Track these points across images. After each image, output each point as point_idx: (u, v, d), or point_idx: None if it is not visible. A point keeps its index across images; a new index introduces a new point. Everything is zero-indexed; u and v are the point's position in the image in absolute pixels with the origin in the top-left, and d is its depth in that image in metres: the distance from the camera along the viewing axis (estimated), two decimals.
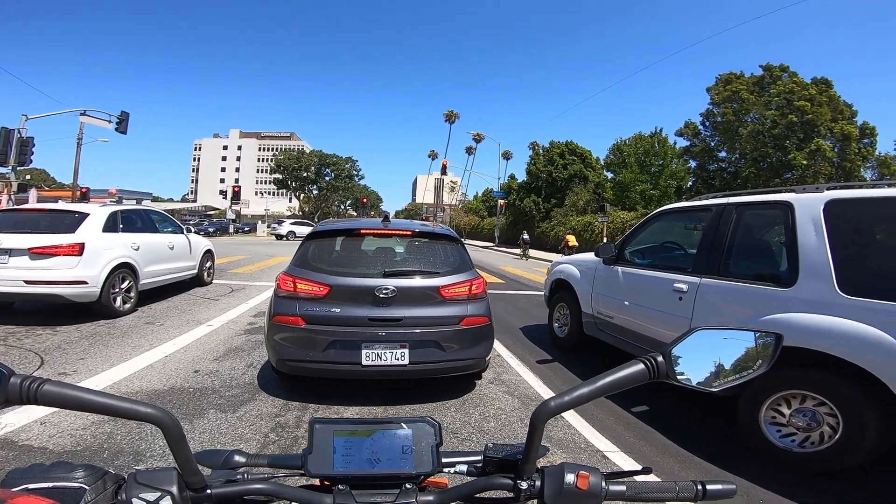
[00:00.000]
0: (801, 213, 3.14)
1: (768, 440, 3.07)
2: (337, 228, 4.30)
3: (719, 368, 0.69)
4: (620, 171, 37.75)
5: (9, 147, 15.77)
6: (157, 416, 0.62)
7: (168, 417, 0.63)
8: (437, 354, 3.68)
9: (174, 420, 0.63)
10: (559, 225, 30.64)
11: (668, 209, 4.87)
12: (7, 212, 6.89)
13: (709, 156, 32.36)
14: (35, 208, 7.18)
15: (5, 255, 5.70)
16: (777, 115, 27.22)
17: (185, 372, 4.35)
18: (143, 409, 0.62)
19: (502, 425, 3.54)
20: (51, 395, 0.58)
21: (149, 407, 0.62)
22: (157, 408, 0.63)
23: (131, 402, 0.62)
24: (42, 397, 0.58)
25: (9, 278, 5.63)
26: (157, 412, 0.62)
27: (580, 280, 5.50)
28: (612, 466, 2.96)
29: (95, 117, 20.06)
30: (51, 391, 0.58)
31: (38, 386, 0.58)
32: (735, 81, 30.01)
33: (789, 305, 3.03)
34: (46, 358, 4.54)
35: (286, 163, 60.87)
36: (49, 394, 0.58)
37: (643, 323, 4.33)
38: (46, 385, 0.58)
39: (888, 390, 2.53)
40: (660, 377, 0.68)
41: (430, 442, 0.75)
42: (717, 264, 3.69)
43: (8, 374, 0.57)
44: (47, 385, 0.58)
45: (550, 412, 0.68)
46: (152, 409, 0.62)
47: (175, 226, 8.74)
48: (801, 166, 25.64)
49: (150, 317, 6.52)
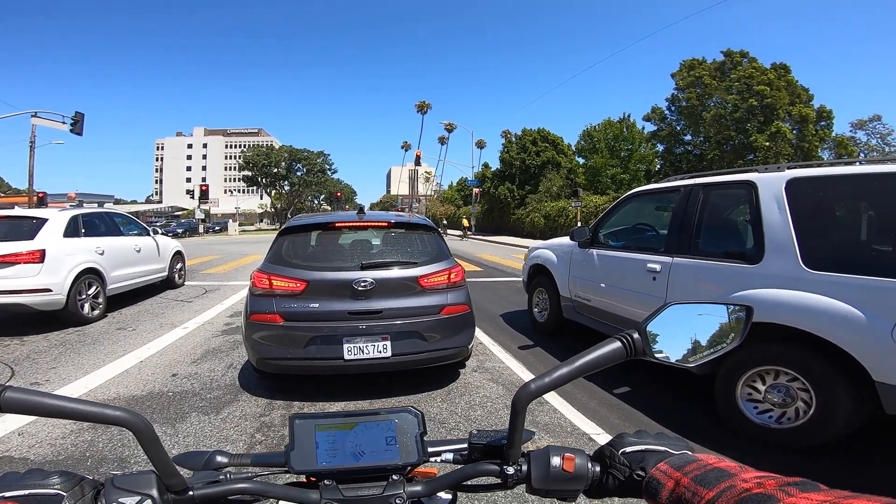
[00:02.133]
0: (765, 191, 3.23)
1: (746, 417, 3.13)
2: (311, 223, 4.23)
3: (694, 343, 0.69)
4: (591, 157, 38.33)
5: None
6: (126, 418, 0.60)
7: (138, 420, 0.61)
8: (419, 345, 3.68)
9: (145, 422, 0.61)
10: (534, 211, 30.91)
11: (639, 191, 4.95)
12: None
13: (675, 139, 33.18)
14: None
15: None
16: (738, 99, 28.09)
17: (163, 376, 4.25)
18: (112, 412, 0.60)
19: (489, 413, 3.58)
20: (14, 402, 0.56)
21: (118, 410, 0.60)
22: (126, 410, 0.61)
23: (99, 405, 0.60)
24: (5, 404, 0.55)
25: None
26: (127, 415, 0.60)
27: (557, 264, 5.57)
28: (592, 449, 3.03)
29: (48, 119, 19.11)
30: (13, 398, 0.56)
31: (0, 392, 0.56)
32: (698, 67, 30.77)
33: (757, 282, 3.12)
34: (17, 369, 4.37)
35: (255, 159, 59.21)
36: (12, 401, 0.56)
37: (619, 304, 4.42)
38: (8, 392, 0.56)
39: (856, 362, 2.58)
40: (637, 354, 0.68)
41: (413, 432, 0.74)
42: (687, 244, 3.78)
43: None
44: (9, 392, 0.56)
45: (531, 395, 0.67)
46: (121, 412, 0.60)
47: (141, 228, 8.47)
48: (762, 148, 26.57)
49: (121, 322, 6.32)
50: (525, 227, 31.11)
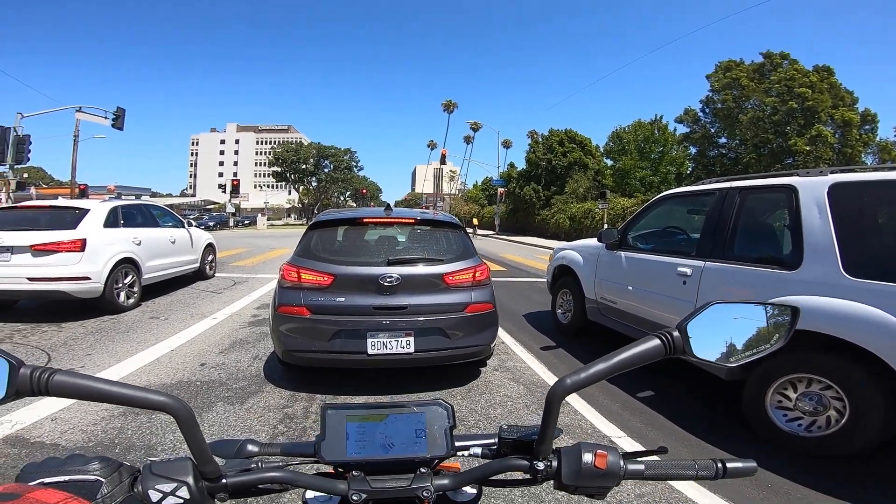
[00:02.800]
0: (806, 196, 3.12)
1: (774, 424, 3.06)
2: (340, 218, 4.29)
3: (735, 344, 0.68)
4: (620, 158, 37.56)
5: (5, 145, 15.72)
6: (169, 404, 0.61)
7: (181, 405, 0.62)
8: (442, 342, 3.69)
9: (187, 408, 0.62)
10: (559, 212, 30.53)
11: (671, 194, 4.84)
12: (8, 209, 6.84)
13: (709, 142, 32.23)
14: (36, 205, 7.09)
15: (7, 252, 5.68)
16: (777, 101, 27.05)
17: (192, 365, 4.37)
18: (156, 397, 0.61)
19: (508, 412, 3.56)
20: (63, 386, 0.57)
21: (161, 395, 0.61)
22: (169, 396, 0.62)
23: (144, 390, 0.62)
24: (53, 387, 0.57)
25: (12, 276, 5.63)
26: (170, 400, 0.62)
27: (583, 266, 5.49)
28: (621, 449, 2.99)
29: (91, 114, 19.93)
30: (63, 381, 0.57)
31: (50, 376, 0.57)
32: (735, 69, 29.79)
33: (794, 288, 3.02)
34: (53, 354, 4.56)
35: (284, 155, 60.53)
36: (61, 384, 0.57)
37: (647, 307, 4.33)
38: (58, 375, 0.57)
39: (894, 373, 2.51)
40: (675, 353, 0.67)
41: (443, 424, 0.74)
42: (721, 248, 3.68)
43: (18, 364, 0.56)
44: (59, 375, 0.57)
45: (567, 390, 0.66)
46: (165, 397, 0.61)
47: (176, 220, 8.71)
48: (802, 152, 25.52)
49: (154, 311, 6.54)
50: (550, 228, 30.77)
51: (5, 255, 5.68)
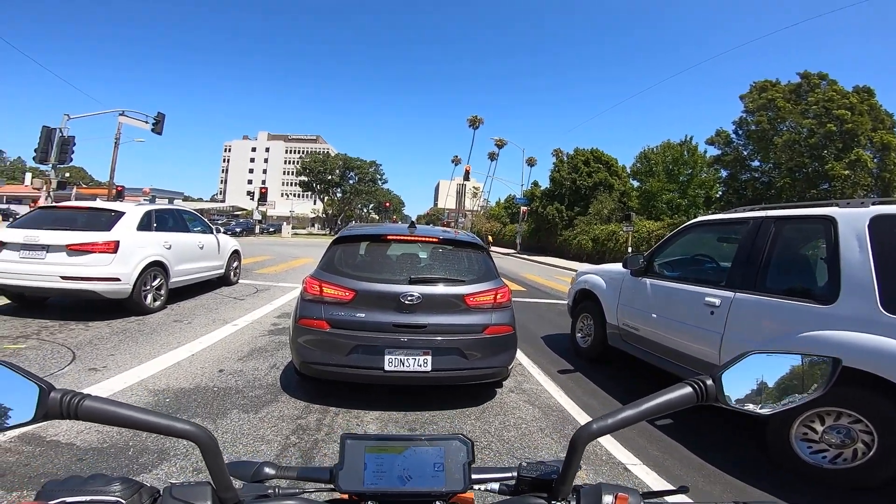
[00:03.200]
0: (845, 228, 3.04)
1: (798, 456, 3.01)
2: (364, 234, 4.33)
3: (771, 392, 0.68)
4: (647, 180, 37.05)
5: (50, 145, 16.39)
6: (194, 433, 0.63)
7: (205, 434, 0.64)
8: (459, 362, 3.66)
9: (210, 437, 0.64)
10: (582, 234, 30.19)
11: (701, 221, 4.75)
12: (47, 209, 7.11)
13: (741, 165, 31.47)
14: (73, 206, 7.27)
15: (43, 251, 5.88)
16: (815, 123, 26.27)
17: (211, 371, 4.43)
18: (181, 425, 0.63)
19: (522, 435, 3.50)
20: (92, 411, 0.59)
21: (186, 424, 0.63)
22: (194, 425, 0.64)
23: (169, 418, 0.63)
24: (83, 412, 0.58)
25: (46, 274, 5.82)
26: (195, 429, 0.63)
27: (606, 291, 5.40)
28: (634, 479, 2.94)
29: (133, 118, 20.73)
30: (92, 407, 0.58)
31: (79, 401, 0.58)
32: (771, 89, 29.14)
33: (829, 322, 2.94)
34: (78, 353, 4.68)
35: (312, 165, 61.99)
36: (90, 409, 0.58)
37: (671, 336, 4.22)
38: (87, 401, 0.58)
39: None
40: (708, 400, 0.67)
41: (462, 460, 0.74)
42: (752, 279, 3.58)
43: (48, 388, 0.57)
44: (88, 401, 0.59)
45: (592, 434, 0.66)
46: (189, 425, 0.63)
47: (205, 225, 8.93)
48: (840, 177, 24.65)
49: (178, 315, 6.69)
50: (571, 248, 30.42)
51: (41, 253, 5.89)
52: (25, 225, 6.30)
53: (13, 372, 0.57)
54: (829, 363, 0.68)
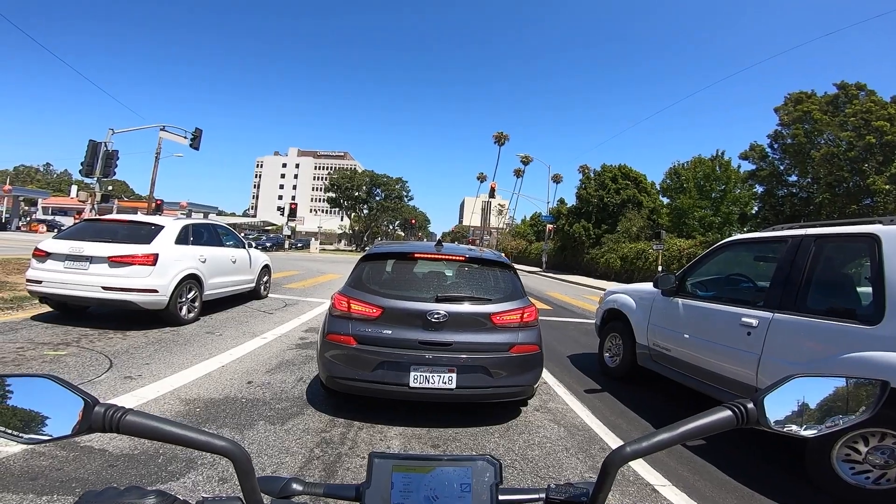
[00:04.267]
0: (889, 246, 2.93)
1: (840, 477, 2.92)
2: (391, 251, 4.39)
3: (815, 414, 0.66)
4: (678, 197, 36.14)
5: (95, 159, 17.05)
6: (230, 449, 0.64)
7: (240, 451, 0.65)
8: (484, 380, 3.63)
9: (245, 454, 0.65)
10: (610, 252, 29.60)
11: (737, 240, 4.63)
12: (90, 221, 7.45)
13: (777, 180, 30.38)
14: (116, 219, 7.61)
15: (86, 262, 6.15)
16: (853, 136, 25.19)
17: (240, 382, 4.52)
18: (218, 442, 0.64)
19: (547, 454, 3.43)
20: (133, 426, 0.60)
21: (223, 440, 0.65)
22: (230, 441, 0.65)
23: (207, 434, 0.64)
24: (124, 426, 0.60)
25: (88, 283, 6.09)
26: (231, 446, 0.64)
27: (635, 310, 5.29)
28: (663, 501, 2.85)
29: (173, 133, 21.57)
30: (133, 421, 0.60)
31: (122, 416, 0.60)
32: (806, 101, 28.20)
33: (874, 344, 2.83)
34: (115, 361, 4.86)
35: (339, 182, 63.20)
36: (131, 424, 0.60)
37: (705, 357, 4.08)
38: (129, 415, 0.60)
39: None
40: (749, 424, 0.65)
41: (489, 481, 0.74)
42: (792, 299, 3.45)
43: (93, 402, 0.60)
44: (130, 415, 0.61)
45: (625, 458, 0.65)
46: (226, 442, 0.64)
47: (238, 240, 9.18)
48: (882, 191, 23.49)
49: (210, 327, 6.88)
50: (599, 267, 29.83)
51: (84, 263, 6.15)
52: (71, 236, 6.59)
53: (60, 386, 0.60)
54: (878, 386, 0.66)
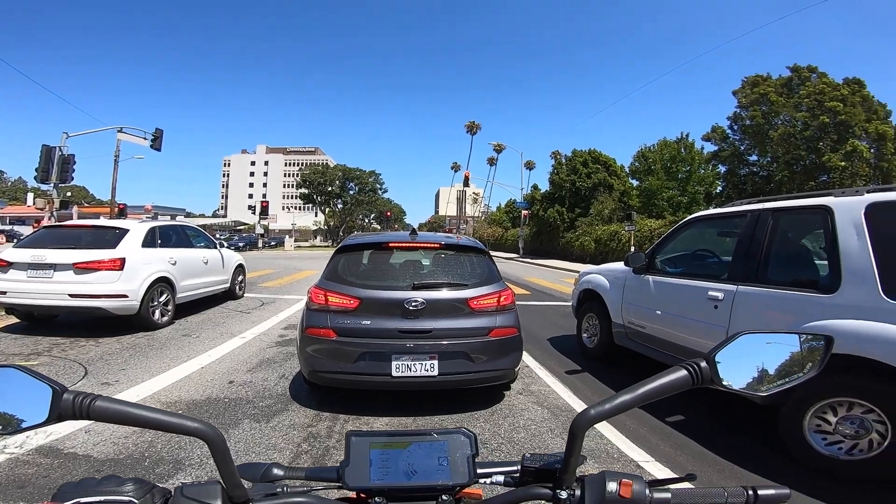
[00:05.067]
0: (842, 217, 3.06)
1: (813, 448, 3.00)
2: (366, 242, 4.38)
3: (765, 373, 0.68)
4: (646, 179, 37.02)
5: (50, 164, 16.22)
6: (203, 430, 0.64)
7: (213, 432, 0.65)
8: (466, 365, 3.69)
9: (219, 434, 0.65)
10: (584, 235, 30.17)
11: (700, 216, 4.77)
12: (52, 227, 7.18)
13: (739, 160, 31.51)
14: (78, 224, 7.42)
15: (50, 269, 5.97)
16: (808, 116, 26.36)
17: (221, 383, 4.47)
18: (191, 423, 0.64)
19: (532, 436, 3.51)
20: (103, 411, 0.61)
21: (195, 422, 0.65)
22: (203, 422, 0.65)
23: (179, 416, 0.65)
24: (94, 412, 0.60)
25: (54, 292, 5.92)
26: (204, 427, 0.65)
27: (609, 290, 5.42)
28: (647, 476, 2.89)
29: (132, 135, 20.63)
30: (103, 406, 0.61)
31: (91, 402, 0.60)
32: (762, 84, 29.25)
33: (832, 312, 2.95)
34: (90, 368, 4.73)
35: (311, 177, 62.11)
36: (101, 409, 0.61)
37: (676, 332, 4.24)
38: (98, 401, 0.61)
39: None
40: (703, 383, 0.67)
41: (465, 453, 0.75)
42: (754, 271, 3.60)
43: (61, 390, 0.60)
44: (99, 401, 0.61)
45: (591, 420, 0.67)
46: (199, 423, 0.65)
47: (208, 241, 9.00)
48: (837, 168, 24.67)
49: (186, 329, 6.74)
50: (574, 250, 30.38)
51: (48, 271, 5.97)
52: (31, 244, 6.41)
53: (27, 375, 0.60)
54: (822, 341, 0.67)
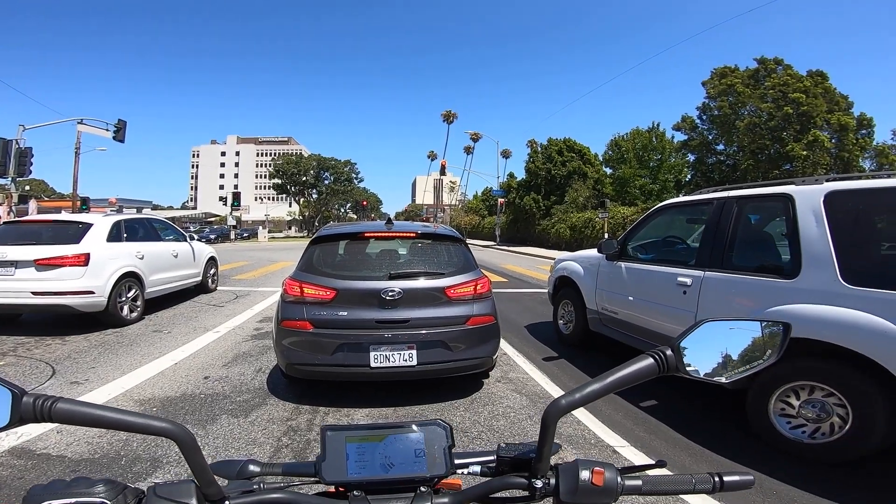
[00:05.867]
0: (802, 204, 3.16)
1: (779, 432, 3.08)
2: (341, 232, 4.33)
3: (728, 359, 0.69)
4: (619, 167, 37.74)
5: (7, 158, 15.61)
6: (171, 430, 0.63)
7: (182, 431, 0.64)
8: (444, 354, 3.71)
9: (188, 433, 0.64)
10: (559, 222, 30.58)
11: (669, 204, 4.88)
12: (11, 223, 6.88)
13: (707, 149, 32.44)
14: (39, 219, 7.16)
15: (11, 267, 5.74)
16: (773, 107, 27.30)
17: (196, 378, 4.39)
18: (157, 423, 0.63)
19: (511, 423, 3.57)
20: (65, 413, 0.59)
21: (162, 421, 0.63)
22: (170, 422, 0.64)
23: (145, 417, 0.63)
24: (56, 415, 0.59)
25: (16, 290, 5.69)
26: (171, 426, 0.63)
27: (584, 277, 5.51)
28: (623, 461, 2.99)
29: (93, 126, 19.97)
30: (64, 409, 0.59)
31: (52, 404, 0.59)
32: (730, 75, 30.07)
33: (793, 296, 3.05)
34: (58, 368, 4.57)
35: (285, 167, 60.72)
36: (63, 411, 0.59)
37: (648, 318, 4.35)
38: (60, 403, 0.59)
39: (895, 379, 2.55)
40: (669, 371, 0.68)
41: (442, 444, 0.76)
42: (720, 257, 3.71)
43: (20, 393, 0.58)
44: (60, 403, 0.59)
45: (562, 410, 0.68)
46: (166, 423, 0.63)
47: (178, 233, 8.77)
48: (799, 157, 25.67)
49: (157, 325, 6.56)
50: (551, 238, 30.79)
51: (9, 269, 5.74)
52: None
53: None
54: (780, 328, 0.69)
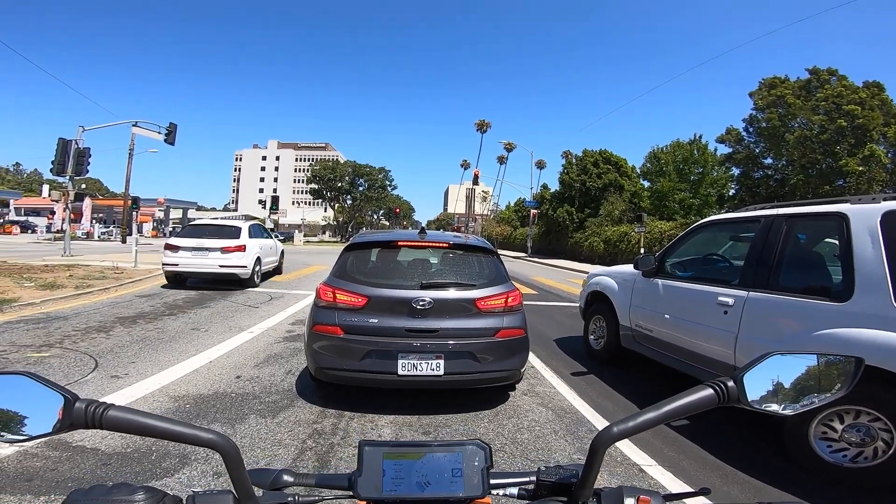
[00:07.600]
0: (857, 224, 3.01)
1: (818, 455, 2.98)
2: (374, 240, 4.39)
3: (794, 392, 0.68)
4: (658, 180, 36.62)
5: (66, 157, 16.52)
6: (218, 441, 0.64)
7: (228, 443, 0.65)
8: (471, 366, 3.69)
9: (233, 446, 0.65)
10: (593, 235, 29.99)
11: (713, 220, 4.74)
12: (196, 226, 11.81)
13: (753, 163, 31.05)
14: (216, 224, 11.70)
15: (206, 251, 10.14)
16: (825, 120, 25.87)
17: (228, 377, 4.51)
18: (205, 435, 0.64)
19: (536, 437, 3.50)
20: (115, 420, 0.60)
21: (210, 433, 0.64)
22: (217, 434, 0.65)
23: (193, 427, 0.64)
24: (107, 422, 0.60)
25: (210, 264, 10.10)
26: (218, 438, 0.64)
27: (618, 292, 5.39)
28: (649, 481, 2.92)
29: (146, 129, 20.88)
30: (115, 416, 0.60)
31: (104, 411, 0.60)
32: (780, 86, 28.77)
33: (844, 320, 2.91)
34: (100, 361, 4.80)
35: (321, 173, 62.38)
36: (113, 419, 0.60)
37: (685, 336, 4.20)
38: (111, 410, 0.60)
39: None
40: (729, 402, 0.67)
41: (479, 465, 0.74)
42: (765, 277, 3.55)
43: (73, 399, 0.59)
44: (112, 410, 0.60)
45: (613, 437, 0.66)
46: (213, 434, 0.64)
47: (269, 234, 13.36)
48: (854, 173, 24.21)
49: (195, 323, 6.82)
50: (583, 251, 30.21)
51: (206, 252, 10.14)
52: (187, 235, 10.77)
53: (38, 383, 0.59)
54: (852, 363, 0.67)
